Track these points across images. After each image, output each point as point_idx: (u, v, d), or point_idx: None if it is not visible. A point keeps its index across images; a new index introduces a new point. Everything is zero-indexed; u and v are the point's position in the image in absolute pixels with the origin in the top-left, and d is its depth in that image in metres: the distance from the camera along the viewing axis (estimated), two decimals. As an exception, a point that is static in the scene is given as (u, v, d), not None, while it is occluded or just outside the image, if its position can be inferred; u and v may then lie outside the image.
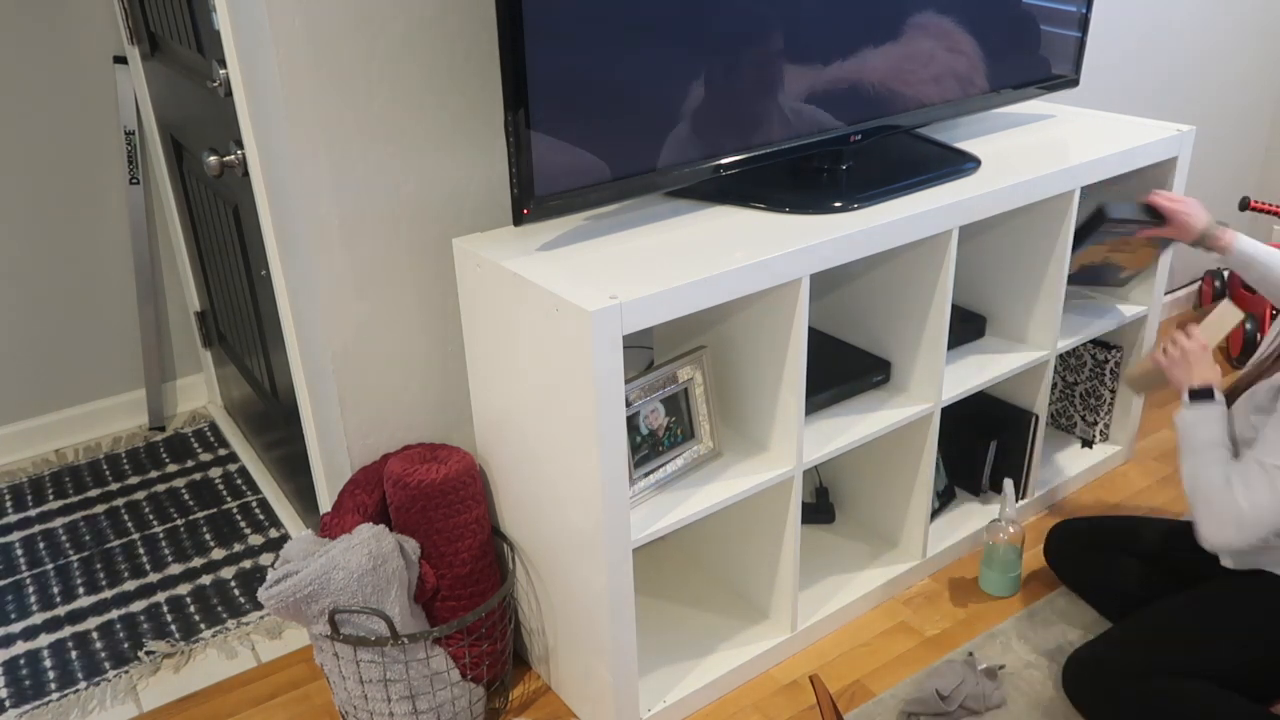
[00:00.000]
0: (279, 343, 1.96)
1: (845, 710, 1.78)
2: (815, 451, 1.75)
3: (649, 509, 1.62)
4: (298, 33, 1.45)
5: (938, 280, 1.80)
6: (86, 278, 2.61)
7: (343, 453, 1.74)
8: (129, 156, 2.53)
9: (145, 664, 1.92)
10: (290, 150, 1.50)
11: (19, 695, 1.86)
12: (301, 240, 1.58)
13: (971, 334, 2.11)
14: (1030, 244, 2.03)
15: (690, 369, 1.71)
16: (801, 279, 1.58)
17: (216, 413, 2.80)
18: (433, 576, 1.66)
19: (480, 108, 1.65)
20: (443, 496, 1.63)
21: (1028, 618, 1.96)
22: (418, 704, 1.64)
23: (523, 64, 1.37)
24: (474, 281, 1.61)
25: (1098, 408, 2.38)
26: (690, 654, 1.85)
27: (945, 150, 1.93)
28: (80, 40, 2.43)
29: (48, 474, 2.56)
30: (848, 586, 2.00)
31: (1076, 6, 2.03)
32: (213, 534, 2.29)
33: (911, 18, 1.77)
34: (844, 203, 1.70)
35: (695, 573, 2.05)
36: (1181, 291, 3.18)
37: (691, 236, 1.61)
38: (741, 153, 1.65)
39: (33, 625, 2.03)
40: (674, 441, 1.70)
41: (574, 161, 1.48)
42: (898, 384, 1.94)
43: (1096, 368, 2.33)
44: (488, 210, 1.72)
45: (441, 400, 1.79)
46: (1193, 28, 2.76)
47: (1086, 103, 2.60)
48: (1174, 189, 2.12)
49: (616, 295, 1.39)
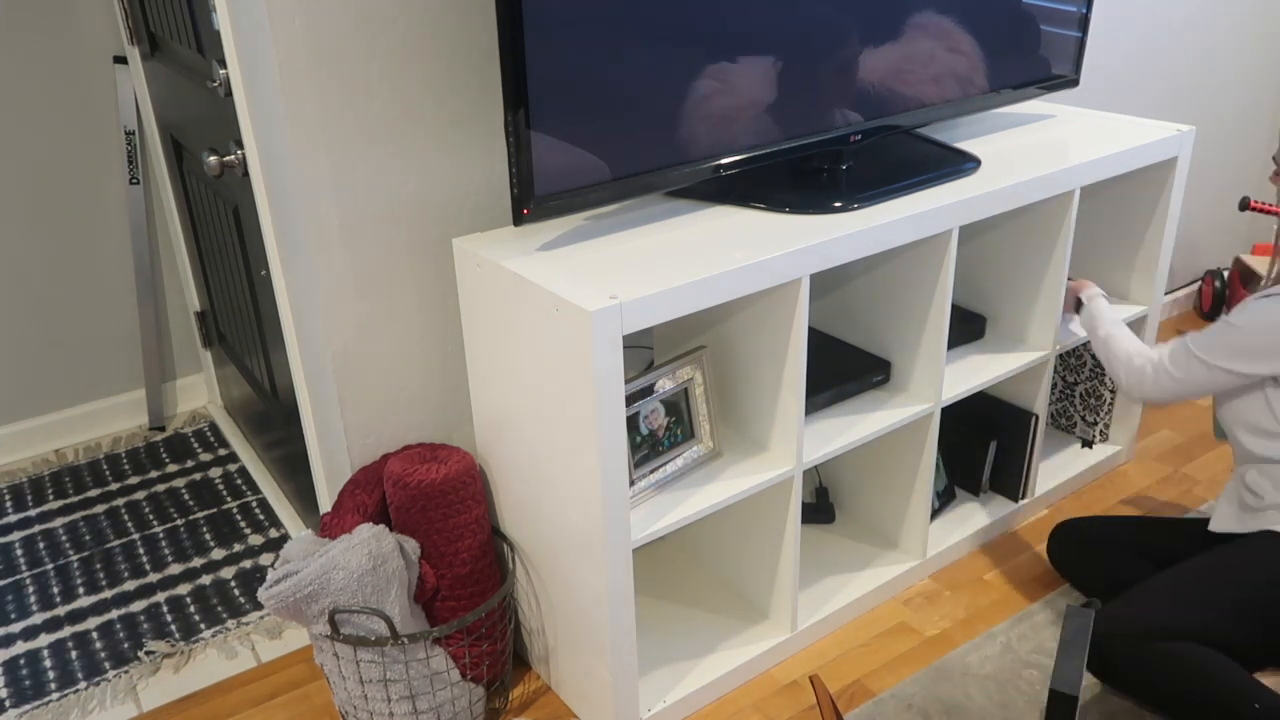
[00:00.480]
0: (279, 343, 1.96)
1: (845, 710, 1.78)
2: (815, 451, 1.75)
3: (649, 509, 1.62)
4: (298, 33, 1.45)
5: (938, 280, 1.80)
6: (86, 278, 2.61)
7: (343, 453, 1.74)
8: (129, 156, 2.53)
9: (145, 664, 1.92)
10: (290, 150, 1.50)
11: (19, 695, 1.86)
12: (301, 240, 1.58)
13: (971, 334, 2.11)
14: (1030, 244, 2.03)
15: (690, 369, 1.71)
16: (801, 279, 1.58)
17: (216, 413, 2.80)
18: (433, 576, 1.66)
19: (480, 108, 1.65)
20: (443, 496, 1.63)
21: (1027, 618, 1.96)
22: (418, 704, 1.64)
23: (523, 64, 1.38)
24: (474, 281, 1.61)
25: (1098, 408, 2.38)
26: (690, 654, 1.85)
27: (945, 150, 1.93)
28: (80, 40, 2.43)
29: (48, 474, 2.56)
30: (848, 586, 2.00)
31: (1076, 6, 2.03)
32: (213, 534, 2.29)
33: (911, 18, 1.77)
34: (844, 203, 1.70)
35: (695, 573, 2.05)
36: (1181, 291, 3.18)
37: (691, 236, 1.61)
38: (741, 153, 1.65)
39: (33, 625, 2.03)
40: (674, 441, 1.70)
41: (574, 161, 1.48)
42: (898, 384, 1.94)
43: (1096, 368, 2.33)
44: (488, 210, 1.72)
45: (441, 400, 1.79)
46: (1193, 28, 2.76)
47: (1086, 103, 2.60)
48: (1174, 189, 2.12)
49: (616, 295, 1.39)
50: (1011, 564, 2.12)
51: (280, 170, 1.57)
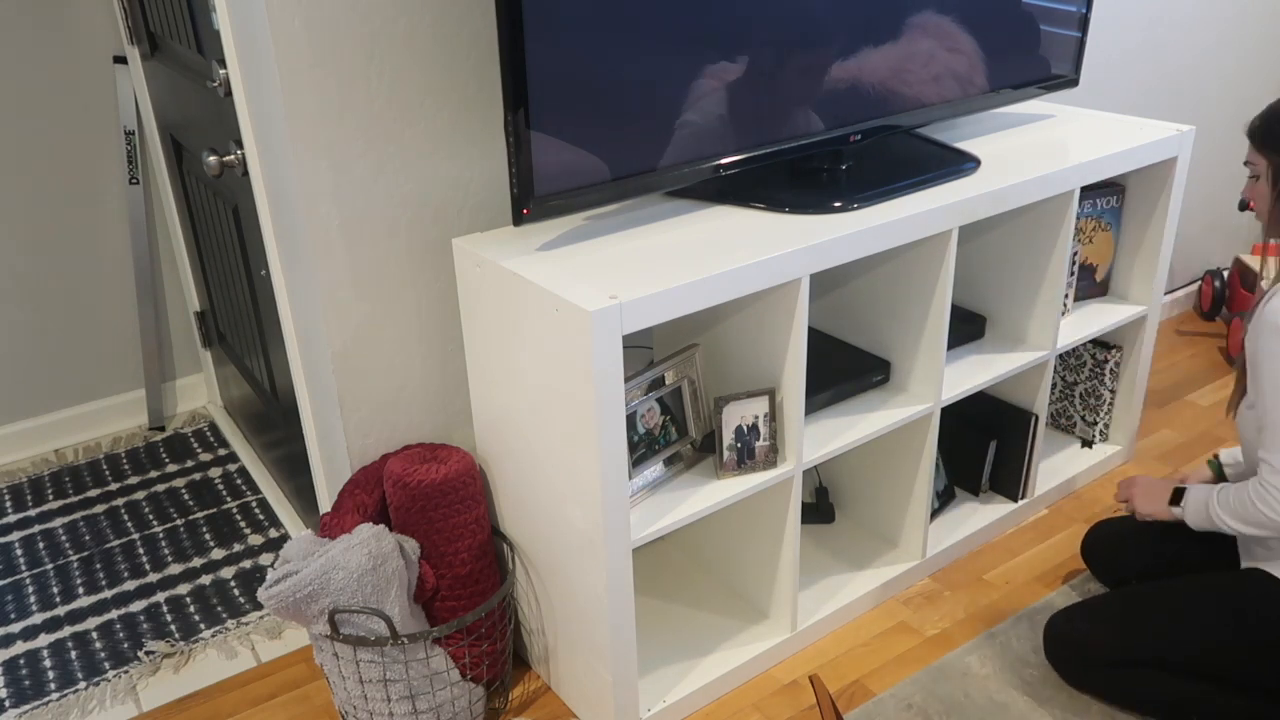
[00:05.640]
0: (279, 343, 1.96)
1: (845, 710, 1.78)
2: (815, 451, 1.75)
3: (649, 509, 1.62)
4: (298, 33, 1.45)
5: (938, 280, 1.80)
6: (86, 278, 2.61)
7: (343, 453, 1.74)
8: (129, 156, 2.53)
9: (145, 664, 1.92)
10: (290, 150, 1.50)
11: (19, 695, 1.86)
12: (301, 240, 1.58)
13: (971, 334, 2.11)
14: (1030, 244, 2.03)
15: (683, 367, 1.71)
16: (801, 279, 1.58)
17: (216, 413, 2.80)
18: (432, 576, 1.66)
19: (480, 108, 1.65)
20: (443, 496, 1.63)
21: (1027, 618, 1.96)
22: (417, 704, 1.64)
23: (523, 64, 1.38)
24: (474, 281, 1.61)
25: (1097, 408, 2.38)
26: (690, 654, 1.85)
27: (945, 150, 1.93)
28: (80, 40, 2.43)
29: (48, 474, 2.56)
30: (847, 586, 2.00)
31: (1076, 6, 2.03)
32: (212, 534, 2.29)
33: (911, 17, 1.77)
34: (844, 203, 1.70)
35: (695, 573, 2.05)
36: (1181, 291, 3.18)
37: (691, 236, 1.61)
38: (741, 153, 1.65)
39: (32, 625, 2.03)
40: (669, 440, 1.70)
41: (574, 161, 1.48)
42: (898, 384, 1.94)
43: (1096, 367, 2.33)
44: (487, 210, 1.72)
45: (441, 400, 1.79)
46: (1192, 28, 2.76)
47: (1086, 103, 2.60)
48: (1174, 189, 2.13)
49: (616, 295, 1.39)
50: (1011, 564, 2.12)
51: (280, 170, 1.57)
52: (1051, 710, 1.75)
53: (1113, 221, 2.22)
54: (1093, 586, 2.02)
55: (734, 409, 1.64)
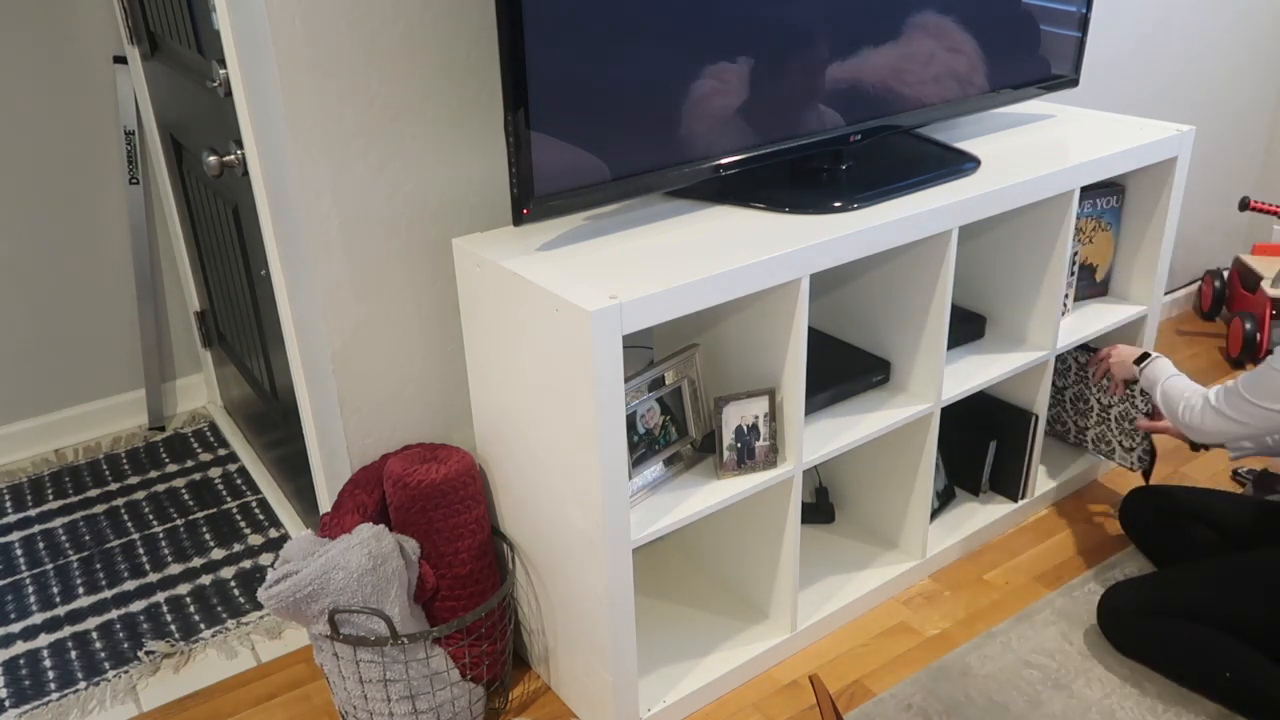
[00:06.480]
0: (279, 343, 1.96)
1: (845, 710, 1.78)
2: (815, 451, 1.75)
3: (649, 509, 1.62)
4: (298, 33, 1.45)
5: (938, 280, 1.80)
6: (86, 278, 2.61)
7: (342, 453, 1.74)
8: (129, 156, 2.53)
9: (145, 664, 1.92)
10: (290, 150, 1.50)
11: (19, 695, 1.86)
12: (301, 240, 1.58)
13: (971, 334, 2.11)
14: (1030, 244, 2.03)
15: (683, 367, 1.71)
16: (801, 279, 1.58)
17: (216, 413, 2.80)
18: (432, 576, 1.66)
19: (480, 108, 1.65)
20: (443, 496, 1.63)
21: (1027, 618, 1.96)
22: (417, 704, 1.64)
23: (522, 64, 1.38)
24: (474, 281, 1.61)
25: (1087, 413, 2.37)
26: (690, 654, 1.85)
27: (945, 150, 1.93)
28: (80, 40, 2.43)
29: (47, 474, 2.56)
30: (847, 586, 2.00)
31: (1076, 6, 2.03)
32: (212, 534, 2.29)
33: (911, 17, 1.77)
34: (844, 203, 1.70)
35: (695, 573, 2.05)
36: (1181, 291, 3.18)
37: (691, 236, 1.61)
38: (741, 153, 1.65)
39: (32, 625, 2.03)
40: (669, 440, 1.70)
41: (574, 161, 1.48)
42: (898, 384, 1.94)
43: (1080, 370, 2.32)
44: (487, 210, 1.72)
45: (441, 400, 1.79)
46: (1192, 28, 2.76)
47: (1086, 103, 2.60)
48: (1174, 189, 2.12)
49: (616, 295, 1.39)
50: (1011, 564, 2.12)
51: (280, 170, 1.57)
52: (1052, 710, 1.75)
53: (1113, 221, 2.22)
54: (1093, 587, 2.02)
55: (734, 409, 1.64)
